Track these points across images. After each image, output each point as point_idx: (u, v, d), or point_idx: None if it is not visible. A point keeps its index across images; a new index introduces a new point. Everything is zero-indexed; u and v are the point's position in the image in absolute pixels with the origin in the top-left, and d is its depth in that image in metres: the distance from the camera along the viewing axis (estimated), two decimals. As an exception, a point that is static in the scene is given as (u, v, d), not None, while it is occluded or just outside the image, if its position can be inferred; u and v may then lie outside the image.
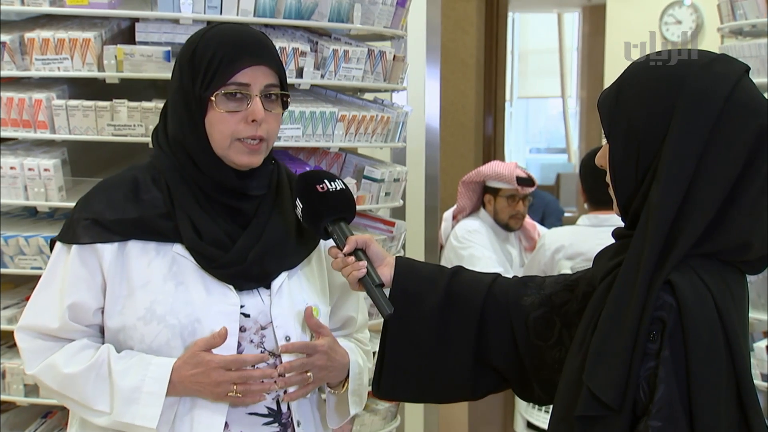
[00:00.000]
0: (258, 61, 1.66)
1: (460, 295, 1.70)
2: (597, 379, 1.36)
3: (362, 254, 1.67)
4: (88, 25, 2.50)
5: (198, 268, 1.67)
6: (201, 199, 1.69)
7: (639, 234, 1.38)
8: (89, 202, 1.71)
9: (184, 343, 1.65)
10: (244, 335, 1.68)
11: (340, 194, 1.69)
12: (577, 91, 10.44)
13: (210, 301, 1.66)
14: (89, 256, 1.67)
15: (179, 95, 1.68)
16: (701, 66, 1.39)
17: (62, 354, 1.68)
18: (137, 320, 1.65)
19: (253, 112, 1.64)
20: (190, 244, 1.66)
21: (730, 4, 3.33)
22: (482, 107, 7.05)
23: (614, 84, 1.47)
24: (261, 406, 1.69)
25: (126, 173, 1.75)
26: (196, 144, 1.67)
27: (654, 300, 1.33)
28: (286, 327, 1.70)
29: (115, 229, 1.67)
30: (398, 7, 2.79)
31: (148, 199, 1.69)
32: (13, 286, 2.73)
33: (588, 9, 9.72)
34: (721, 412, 1.32)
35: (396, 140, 2.86)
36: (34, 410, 2.62)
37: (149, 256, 1.67)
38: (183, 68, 1.68)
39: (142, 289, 1.66)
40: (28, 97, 2.42)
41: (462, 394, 1.77)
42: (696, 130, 1.35)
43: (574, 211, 8.07)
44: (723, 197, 1.36)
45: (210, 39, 1.67)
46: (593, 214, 3.65)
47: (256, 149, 1.68)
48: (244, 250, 1.68)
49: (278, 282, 1.72)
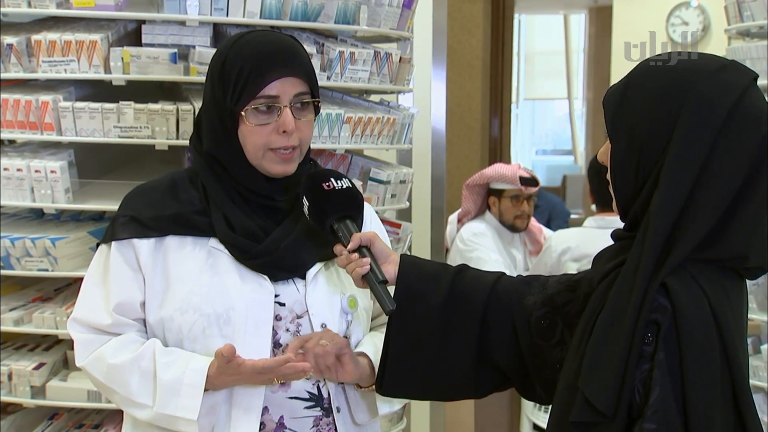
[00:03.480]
0: (286, 72, 1.67)
1: (463, 293, 1.70)
2: (591, 385, 1.36)
3: (366, 251, 1.67)
4: (94, 27, 2.50)
5: (233, 260, 1.70)
6: (235, 196, 1.72)
7: (638, 241, 1.38)
8: (129, 203, 1.77)
9: (221, 331, 1.67)
10: (280, 324, 1.71)
11: (346, 192, 1.70)
12: (583, 92, 10.44)
13: (244, 289, 1.69)
14: (128, 252, 1.71)
15: (212, 108, 1.71)
16: (709, 73, 1.38)
17: (110, 346, 1.71)
18: (174, 311, 1.68)
19: (283, 124, 1.67)
20: (223, 236, 1.70)
21: (737, 6, 3.32)
22: (488, 109, 7.05)
23: (621, 82, 1.46)
24: (302, 390, 1.71)
25: (165, 176, 1.81)
26: (229, 156, 1.71)
27: (649, 304, 1.33)
28: (323, 314, 1.72)
29: (153, 225, 1.71)
30: (404, 8, 2.79)
31: (186, 197, 1.74)
32: (20, 288, 2.73)
33: (594, 10, 9.71)
34: (716, 414, 1.32)
35: (402, 142, 2.86)
36: (40, 412, 2.63)
37: (186, 249, 1.71)
38: (214, 81, 1.70)
39: (178, 281, 1.69)
40: (35, 98, 2.43)
41: (465, 392, 1.77)
42: (700, 139, 1.34)
43: (581, 213, 8.06)
44: (724, 207, 1.35)
45: (238, 51, 1.68)
46: (600, 216, 3.65)
47: (288, 158, 1.71)
48: (277, 241, 1.71)
49: (313, 271, 1.75)
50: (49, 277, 2.60)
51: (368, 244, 1.68)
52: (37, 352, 2.65)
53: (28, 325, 2.54)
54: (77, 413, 2.63)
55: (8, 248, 2.45)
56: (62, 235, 2.47)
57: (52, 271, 2.47)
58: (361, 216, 1.74)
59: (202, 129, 1.76)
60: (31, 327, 2.53)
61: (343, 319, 1.76)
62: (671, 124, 1.36)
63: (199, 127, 1.77)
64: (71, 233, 2.49)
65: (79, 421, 2.61)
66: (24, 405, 2.59)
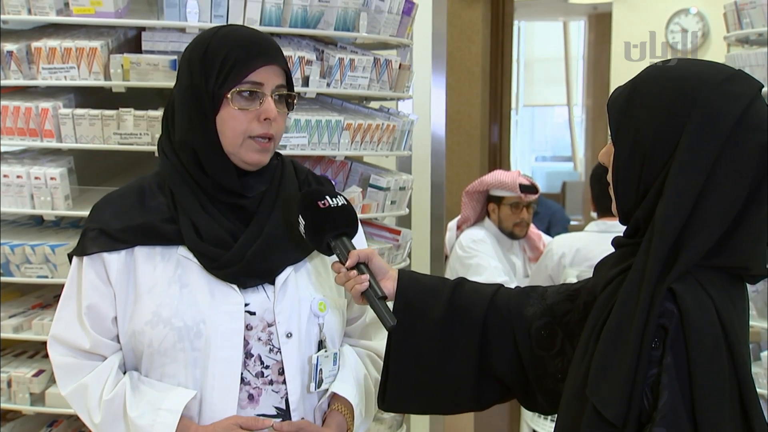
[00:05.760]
0: (271, 61, 1.69)
1: (462, 307, 1.70)
2: (600, 394, 1.35)
3: (365, 268, 1.68)
4: (94, 34, 2.51)
5: (202, 269, 1.69)
6: (203, 198, 1.71)
7: (643, 249, 1.38)
8: (97, 214, 1.75)
9: (192, 344, 1.66)
10: (251, 333, 1.70)
11: (342, 210, 1.70)
12: (582, 99, 10.44)
13: (214, 302, 1.68)
14: (98, 266, 1.71)
15: (189, 93, 1.70)
16: (715, 83, 1.37)
17: (92, 390, 1.71)
18: (145, 324, 1.67)
19: (266, 111, 1.68)
20: (192, 245, 1.69)
21: (736, 13, 3.32)
22: (488, 115, 7.04)
23: (627, 86, 1.46)
24: (269, 406, 1.70)
25: (133, 183, 1.79)
26: (204, 141, 1.69)
27: (656, 310, 1.33)
28: (288, 324, 1.71)
29: (121, 237, 1.70)
30: (404, 15, 2.79)
31: (153, 205, 1.73)
32: (20, 295, 2.73)
33: (594, 17, 9.72)
34: (725, 418, 1.32)
35: (402, 149, 2.86)
36: (39, 419, 2.62)
37: (155, 260, 1.70)
38: (193, 66, 1.69)
39: (148, 293, 1.68)
40: (35, 105, 2.43)
41: (467, 405, 1.76)
42: (706, 149, 1.34)
43: (580, 220, 8.06)
44: (730, 218, 1.35)
45: (223, 38, 1.69)
46: (602, 221, 3.65)
47: (266, 147, 1.71)
48: (245, 248, 1.70)
49: (282, 277, 1.73)
50: (48, 284, 2.60)
51: (366, 261, 1.68)
52: (37, 359, 2.64)
53: (28, 332, 2.54)
54: (76, 420, 2.63)
55: (8, 255, 2.45)
56: (62, 242, 2.47)
57: (51, 278, 2.47)
58: (357, 232, 1.74)
59: (171, 126, 1.73)
60: (31, 334, 2.53)
61: (314, 323, 1.75)
62: (677, 134, 1.36)
63: (168, 125, 1.75)
64: (71, 240, 2.49)
65: (78, 428, 2.61)
66: (23, 412, 2.58)
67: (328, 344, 1.76)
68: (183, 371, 1.67)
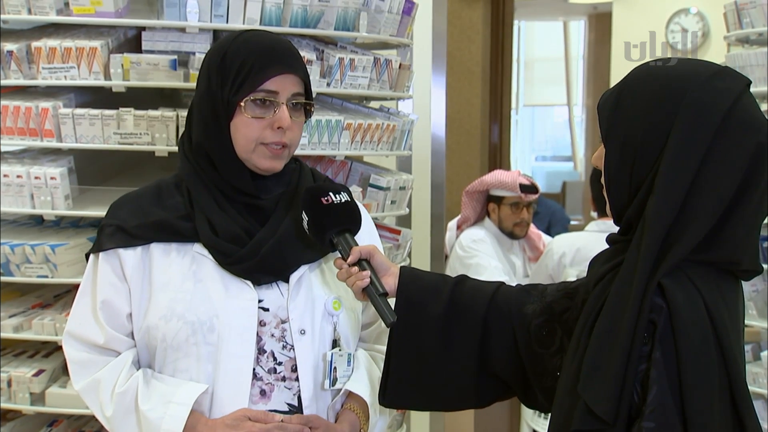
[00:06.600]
0: (287, 70, 1.69)
1: (463, 304, 1.71)
2: (591, 390, 1.36)
3: (366, 264, 1.69)
4: (94, 33, 2.50)
5: (216, 265, 1.71)
6: (219, 198, 1.73)
7: (634, 245, 1.38)
8: (114, 211, 1.78)
9: (205, 339, 1.68)
10: (265, 329, 1.71)
11: (345, 206, 1.71)
12: (582, 99, 10.44)
13: (228, 296, 1.70)
14: (114, 262, 1.73)
15: (206, 99, 1.72)
16: (703, 79, 1.38)
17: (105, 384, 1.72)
18: (159, 319, 1.69)
19: (279, 120, 1.69)
20: (207, 241, 1.70)
21: (736, 12, 3.32)
22: (488, 115, 7.04)
23: (615, 88, 1.47)
24: (281, 402, 1.71)
25: (151, 183, 1.82)
26: (218, 147, 1.71)
27: (647, 307, 1.34)
28: (302, 321, 1.72)
29: (137, 234, 1.72)
30: (404, 15, 2.79)
31: (170, 203, 1.75)
32: (20, 295, 2.73)
33: (594, 17, 9.72)
34: (714, 412, 1.32)
35: (402, 148, 2.86)
36: (39, 419, 2.62)
37: (170, 257, 1.72)
38: (211, 73, 1.71)
39: (162, 289, 1.70)
40: (35, 105, 2.43)
41: (467, 402, 1.77)
42: (695, 144, 1.35)
43: (580, 219, 8.06)
44: (719, 212, 1.36)
45: (240, 45, 1.70)
46: (602, 220, 3.65)
47: (278, 154, 1.72)
48: (259, 244, 1.71)
49: (297, 275, 1.75)
50: (48, 284, 2.60)
51: (368, 257, 1.69)
52: (37, 358, 2.64)
53: (28, 332, 2.53)
54: (77, 420, 2.63)
55: (8, 255, 2.45)
56: (62, 241, 2.47)
57: (51, 277, 2.47)
58: (359, 228, 1.74)
59: (192, 126, 1.76)
60: (31, 334, 2.53)
61: (328, 321, 1.76)
62: (666, 130, 1.37)
63: (190, 124, 1.77)
64: (71, 240, 2.49)
65: (79, 428, 2.61)
66: (23, 412, 2.58)
67: (342, 344, 1.77)
68: (195, 365, 1.68)
